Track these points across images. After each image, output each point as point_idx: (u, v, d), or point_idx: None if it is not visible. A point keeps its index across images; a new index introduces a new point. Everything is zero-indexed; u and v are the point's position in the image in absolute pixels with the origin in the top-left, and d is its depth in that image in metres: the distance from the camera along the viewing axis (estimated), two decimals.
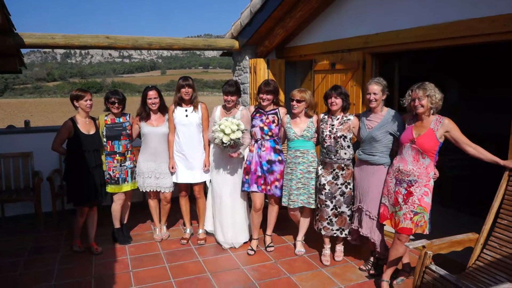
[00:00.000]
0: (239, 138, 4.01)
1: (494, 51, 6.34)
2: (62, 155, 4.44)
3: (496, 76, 6.95)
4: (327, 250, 4.18)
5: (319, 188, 4.03)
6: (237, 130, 3.97)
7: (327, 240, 4.18)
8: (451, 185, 6.04)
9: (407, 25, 4.13)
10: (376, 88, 3.61)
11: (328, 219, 4.00)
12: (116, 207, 4.58)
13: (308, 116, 4.13)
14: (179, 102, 4.46)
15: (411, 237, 3.49)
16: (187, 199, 4.72)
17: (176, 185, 4.63)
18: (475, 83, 7.50)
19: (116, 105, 4.38)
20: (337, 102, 3.86)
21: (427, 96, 3.21)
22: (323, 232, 4.07)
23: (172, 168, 4.51)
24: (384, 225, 3.71)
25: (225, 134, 3.95)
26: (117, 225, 4.68)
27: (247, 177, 4.30)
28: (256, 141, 4.27)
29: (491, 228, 3.17)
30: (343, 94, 3.87)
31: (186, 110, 4.45)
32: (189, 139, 4.46)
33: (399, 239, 3.43)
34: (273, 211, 4.42)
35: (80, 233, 4.44)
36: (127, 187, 4.53)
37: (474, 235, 3.21)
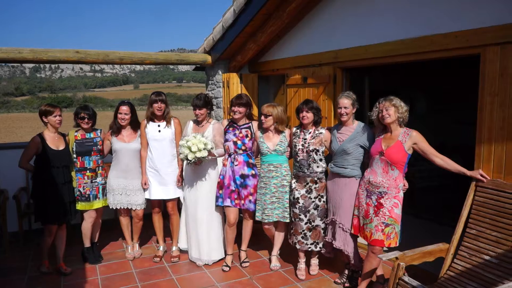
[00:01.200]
0: (204, 157, 3.98)
1: (460, 65, 6.59)
2: (30, 172, 4.30)
3: (462, 89, 7.20)
4: (302, 264, 4.18)
5: (293, 202, 4.03)
6: (204, 149, 3.93)
7: (302, 254, 4.17)
8: (421, 195, 6.17)
9: (375, 40, 4.24)
10: (346, 102, 3.68)
11: (303, 233, 4.00)
12: (86, 225, 4.45)
13: (277, 131, 4.15)
14: (152, 117, 4.41)
15: (384, 248, 3.52)
16: (160, 216, 4.64)
17: (148, 201, 4.55)
18: (443, 96, 7.75)
19: (86, 120, 4.29)
20: (308, 116, 3.90)
21: (394, 105, 3.32)
22: (297, 246, 4.06)
23: (145, 184, 4.43)
24: (358, 237, 3.74)
25: (190, 151, 3.91)
26: (87, 244, 4.54)
27: (220, 191, 4.26)
28: (230, 155, 4.25)
29: (460, 237, 3.24)
30: (314, 109, 3.92)
31: (159, 126, 4.40)
32: (162, 155, 4.41)
33: (372, 252, 3.46)
34: (247, 225, 4.39)
35: (48, 253, 4.28)
36: (98, 204, 4.41)
37: (445, 245, 3.27)
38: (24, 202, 5.17)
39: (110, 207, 4.51)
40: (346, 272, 3.97)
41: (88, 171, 4.33)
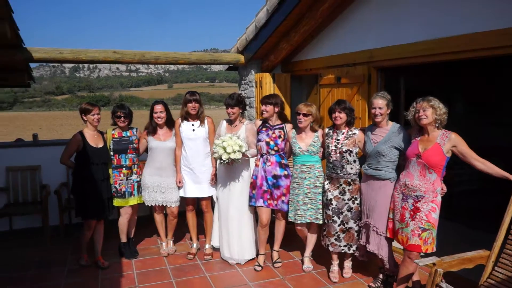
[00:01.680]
0: (238, 159, 4.00)
1: (502, 65, 6.33)
2: (70, 168, 4.46)
3: (504, 89, 6.93)
4: (335, 267, 4.14)
5: (326, 203, 4.00)
6: (238, 151, 3.96)
7: (335, 257, 4.13)
8: (459, 200, 5.97)
9: (412, 39, 4.13)
10: (381, 103, 3.61)
11: (336, 235, 3.96)
12: (122, 221, 4.58)
13: (313, 130, 4.13)
14: (186, 116, 4.48)
15: (421, 253, 3.44)
16: (194, 214, 4.71)
17: (182, 199, 4.62)
18: (483, 97, 7.47)
19: (122, 119, 4.42)
20: (341, 116, 3.85)
21: (431, 106, 3.21)
22: (330, 248, 4.03)
23: (180, 182, 4.51)
24: (393, 240, 3.67)
25: (225, 152, 3.95)
26: (123, 239, 4.67)
27: (253, 191, 4.28)
28: (262, 155, 4.26)
29: (502, 244, 3.12)
30: (347, 109, 3.86)
31: (193, 125, 4.47)
32: (196, 153, 4.47)
33: (409, 257, 3.38)
34: (280, 226, 4.39)
35: (87, 247, 4.43)
36: (133, 201, 4.53)
37: (485, 252, 3.15)
38: (64, 197, 5.38)
39: (146, 204, 4.61)
40: (381, 276, 3.90)
41: (124, 168, 4.45)
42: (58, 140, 6.29)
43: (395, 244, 3.73)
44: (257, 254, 4.47)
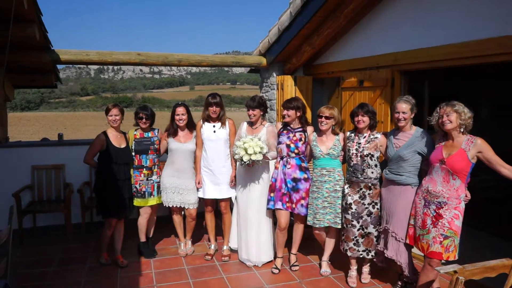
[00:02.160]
0: (259, 160, 3.99)
1: None
2: (93, 167, 4.55)
3: None
4: (353, 272, 4.08)
5: (345, 208, 3.96)
6: (259, 152, 3.96)
7: (353, 261, 4.08)
8: (484, 207, 5.82)
9: (438, 42, 4.06)
10: (404, 107, 3.55)
11: (355, 239, 3.91)
12: (142, 221, 4.63)
13: (335, 133, 4.09)
14: (207, 118, 4.51)
15: (442, 261, 3.36)
16: (212, 215, 4.72)
17: (201, 200, 4.65)
18: (509, 102, 7.27)
19: (144, 120, 4.47)
20: (364, 120, 3.81)
21: (456, 111, 3.14)
22: (349, 253, 3.98)
23: (199, 183, 4.54)
24: (412, 247, 3.60)
25: (246, 153, 3.95)
26: (142, 238, 4.73)
27: (272, 194, 4.27)
28: (282, 158, 4.25)
29: None
30: (370, 112, 3.82)
31: (214, 126, 4.49)
32: (217, 155, 4.49)
33: (429, 264, 3.31)
34: (298, 229, 4.37)
35: (107, 246, 4.50)
36: (153, 201, 4.58)
37: (509, 261, 3.05)
38: (87, 195, 5.48)
39: (164, 205, 4.66)
40: (399, 283, 3.83)
41: (144, 169, 4.51)
42: (82, 140, 6.42)
43: (415, 250, 3.66)
44: (275, 257, 4.45)
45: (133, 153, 4.49)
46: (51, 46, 5.05)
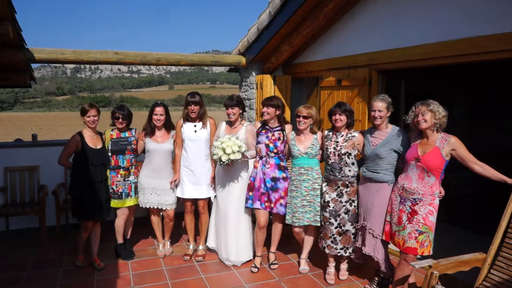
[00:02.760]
0: (238, 160, 3.99)
1: (502, 70, 6.33)
2: (68, 169, 4.45)
3: (503, 94, 6.93)
4: (331, 269, 4.12)
5: (323, 206, 3.99)
6: (238, 151, 3.95)
7: (331, 259, 4.12)
8: (458, 203, 5.96)
9: (413, 42, 4.13)
10: (381, 105, 3.61)
11: (332, 237, 3.95)
12: (119, 222, 4.56)
13: (313, 132, 4.12)
14: (187, 117, 4.48)
15: (417, 256, 3.42)
16: (192, 215, 4.68)
17: (179, 200, 4.61)
18: (482, 101, 7.47)
19: (121, 120, 4.40)
20: (341, 119, 3.85)
21: (431, 111, 3.20)
22: (327, 251, 4.01)
23: (175, 181, 4.50)
24: (389, 243, 3.66)
25: (225, 153, 3.94)
26: (120, 240, 4.66)
27: (250, 193, 4.27)
28: (261, 157, 4.25)
29: (498, 247, 3.11)
30: (347, 111, 3.86)
31: (195, 126, 4.46)
32: (197, 155, 4.46)
33: (405, 259, 3.37)
34: (277, 228, 4.38)
35: (84, 248, 4.42)
36: (130, 202, 4.52)
37: (482, 255, 3.14)
38: (62, 197, 5.36)
39: (140, 206, 4.60)
40: (376, 278, 3.88)
41: (121, 169, 4.44)
42: (57, 141, 6.29)
43: (391, 246, 3.72)
44: (254, 256, 4.46)
45: (110, 154, 4.41)
46: (25, 45, 4.92)
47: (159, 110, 4.45)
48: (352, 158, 3.86)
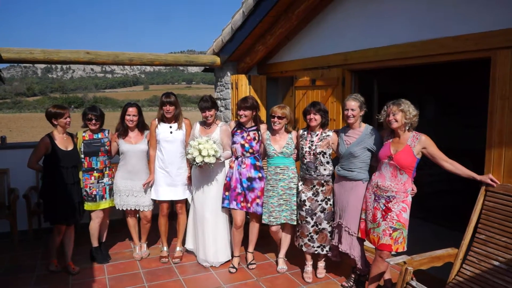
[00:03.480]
0: (211, 164, 3.97)
1: (471, 69, 6.52)
2: (39, 172, 4.33)
3: (472, 93, 7.14)
4: (309, 267, 4.16)
5: (299, 204, 4.02)
6: (213, 156, 3.93)
7: (308, 257, 4.16)
8: (431, 200, 6.12)
9: (385, 42, 4.21)
10: (353, 104, 3.66)
11: (309, 235, 3.99)
12: (94, 225, 4.48)
13: (287, 131, 4.15)
14: (163, 118, 4.43)
15: (392, 252, 3.49)
16: (166, 218, 4.62)
17: (155, 202, 4.56)
18: (452, 100, 7.68)
19: (94, 121, 4.32)
20: (316, 118, 3.89)
21: (401, 111, 3.28)
22: (304, 249, 4.05)
23: (149, 183, 4.46)
24: (364, 240, 3.72)
25: (200, 154, 3.91)
26: (95, 243, 4.57)
27: (227, 193, 4.27)
28: (237, 158, 4.25)
29: (469, 243, 3.21)
30: (322, 111, 3.90)
31: (170, 127, 4.42)
32: (173, 156, 4.42)
33: (380, 256, 3.43)
34: (254, 228, 4.39)
35: (57, 252, 4.31)
36: (104, 204, 4.43)
37: (454, 250, 3.23)
38: (34, 201, 5.22)
39: (117, 208, 4.53)
40: (353, 275, 3.94)
41: (95, 171, 4.35)
42: (27, 143, 6.11)
43: (367, 243, 3.79)
44: (232, 256, 4.45)
45: (82, 156, 4.32)
46: None
47: (131, 110, 4.39)
48: (327, 157, 3.91)
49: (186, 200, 4.61)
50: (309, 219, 3.96)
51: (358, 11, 4.58)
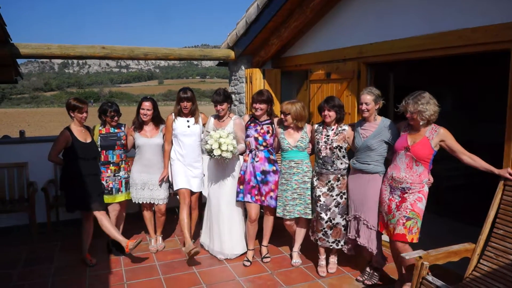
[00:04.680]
0: (226, 158, 3.99)
1: (489, 61, 6.39)
2: (59, 165, 4.40)
3: (492, 86, 6.99)
4: (323, 261, 4.15)
5: (314, 200, 4.01)
6: (230, 151, 3.95)
7: (322, 251, 4.14)
8: (447, 194, 6.04)
9: (401, 35, 4.15)
10: (368, 98, 3.63)
11: (323, 231, 3.98)
12: (111, 218, 4.53)
13: (298, 127, 4.13)
14: (179, 113, 4.46)
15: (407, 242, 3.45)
16: (189, 209, 4.49)
17: (170, 195, 4.60)
18: (471, 93, 7.55)
19: (116, 118, 4.40)
20: (330, 114, 3.86)
21: (419, 111, 3.21)
22: (319, 243, 4.04)
23: (164, 178, 4.50)
24: (382, 234, 3.70)
25: (219, 147, 3.93)
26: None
27: (241, 187, 4.28)
28: (251, 151, 4.26)
29: (487, 238, 3.16)
30: (336, 107, 3.86)
31: (188, 121, 4.45)
32: (191, 150, 4.47)
33: (396, 249, 3.41)
34: (268, 221, 4.39)
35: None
36: (121, 197, 4.49)
37: (471, 245, 3.19)
38: (52, 194, 5.32)
39: (133, 201, 4.58)
40: (368, 269, 3.92)
41: (111, 165, 4.42)
42: (45, 137, 6.22)
43: (384, 238, 3.76)
44: (247, 249, 4.47)
45: (99, 149, 4.38)
46: (10, 40, 4.84)
47: (146, 104, 4.44)
48: (343, 151, 3.90)
49: (199, 196, 4.62)
50: (323, 214, 3.94)
51: (374, 3, 4.51)
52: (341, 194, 3.93)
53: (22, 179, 5.39)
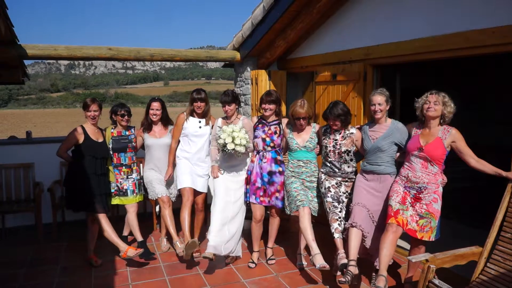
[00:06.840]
0: (240, 152, 4.00)
1: (496, 63, 6.35)
2: (67, 161, 4.40)
3: (498, 88, 6.95)
4: (342, 254, 3.77)
5: (324, 193, 3.96)
6: (244, 146, 3.98)
7: (340, 243, 3.81)
8: (453, 197, 5.98)
9: (407, 36, 4.13)
10: (380, 99, 3.62)
11: (339, 220, 3.84)
12: (131, 217, 4.46)
13: (309, 124, 4.12)
14: (192, 113, 4.48)
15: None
16: (190, 208, 4.43)
17: (178, 196, 4.61)
18: (477, 95, 7.49)
19: (126, 117, 4.43)
20: (336, 123, 3.84)
21: (443, 102, 3.28)
22: (336, 235, 3.80)
23: (169, 177, 4.52)
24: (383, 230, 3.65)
25: (233, 142, 3.95)
26: (139, 238, 4.44)
27: (247, 187, 4.29)
28: (258, 152, 4.25)
29: (494, 241, 3.13)
30: (342, 115, 3.79)
31: (199, 122, 4.47)
32: (200, 150, 4.49)
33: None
34: (274, 223, 4.38)
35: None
36: (136, 199, 4.53)
37: (478, 249, 3.16)
38: (58, 194, 5.34)
39: (151, 198, 4.59)
40: (374, 275, 3.87)
41: (124, 167, 4.47)
42: (52, 138, 6.26)
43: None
44: (252, 251, 4.45)
45: (111, 152, 4.41)
46: (17, 41, 4.88)
47: (155, 105, 4.50)
48: (351, 155, 3.90)
49: (205, 198, 4.62)
50: (336, 203, 3.88)
51: (380, 5, 4.50)
52: (347, 193, 3.93)
53: (28, 179, 5.42)
